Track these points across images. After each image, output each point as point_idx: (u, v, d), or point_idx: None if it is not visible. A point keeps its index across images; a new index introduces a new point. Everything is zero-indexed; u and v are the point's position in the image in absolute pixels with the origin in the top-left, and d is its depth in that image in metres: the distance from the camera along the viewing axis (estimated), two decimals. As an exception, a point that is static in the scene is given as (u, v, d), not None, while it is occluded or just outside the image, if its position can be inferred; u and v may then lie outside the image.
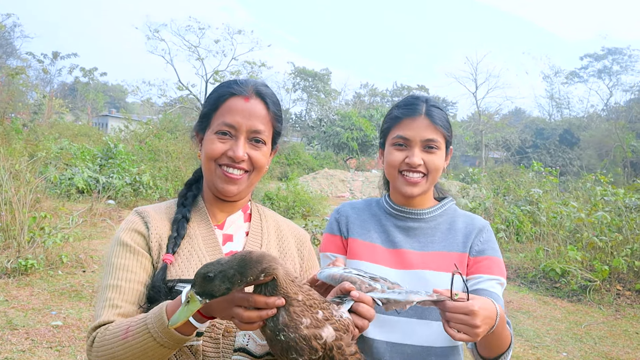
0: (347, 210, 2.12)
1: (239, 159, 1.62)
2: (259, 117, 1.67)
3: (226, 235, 1.73)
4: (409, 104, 1.98)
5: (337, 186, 27.92)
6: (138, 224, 1.64)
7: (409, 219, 2.01)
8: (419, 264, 1.93)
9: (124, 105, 66.79)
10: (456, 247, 1.96)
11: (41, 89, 43.73)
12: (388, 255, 1.97)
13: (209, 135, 1.67)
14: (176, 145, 20.36)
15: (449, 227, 2.01)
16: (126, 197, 14.10)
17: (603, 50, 53.89)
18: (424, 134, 1.91)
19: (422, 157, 1.91)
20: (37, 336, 5.15)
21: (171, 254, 1.59)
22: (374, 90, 64.12)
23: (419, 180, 1.93)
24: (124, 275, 1.55)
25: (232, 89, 1.68)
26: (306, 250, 1.87)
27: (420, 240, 1.98)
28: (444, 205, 2.06)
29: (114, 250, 1.61)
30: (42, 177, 11.42)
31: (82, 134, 25.99)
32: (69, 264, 7.60)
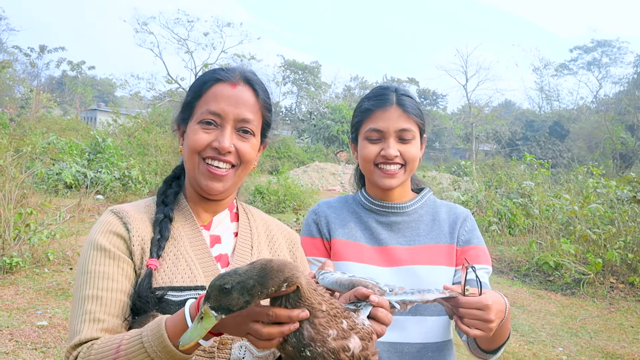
0: (324, 210, 2.02)
1: (225, 150, 1.47)
2: (247, 105, 1.52)
3: (213, 236, 1.58)
4: (378, 94, 1.91)
5: (327, 179, 27.83)
6: (116, 225, 1.47)
7: (391, 214, 1.94)
8: (408, 260, 1.86)
9: (113, 99, 66.21)
10: (443, 239, 1.91)
11: (28, 83, 43.22)
12: (375, 254, 1.89)
13: (192, 126, 1.52)
14: (165, 139, 20.16)
15: (433, 219, 1.96)
16: (115, 192, 13.94)
17: (592, 42, 54.08)
18: (397, 124, 1.84)
19: (397, 148, 1.84)
20: (21, 337, 5.00)
21: (156, 258, 1.42)
22: (364, 83, 63.98)
23: (396, 172, 1.86)
24: (104, 284, 1.37)
25: (217, 74, 1.54)
26: (298, 252, 1.75)
27: (405, 235, 1.92)
28: (424, 196, 2.00)
29: (90, 255, 1.42)
30: (29, 173, 11.22)
31: (70, 128, 25.71)
32: (56, 262, 7.44)
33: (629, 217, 9.89)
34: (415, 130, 1.87)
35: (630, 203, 10.23)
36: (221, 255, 1.55)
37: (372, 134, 1.86)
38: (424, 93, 63.47)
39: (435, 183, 16.38)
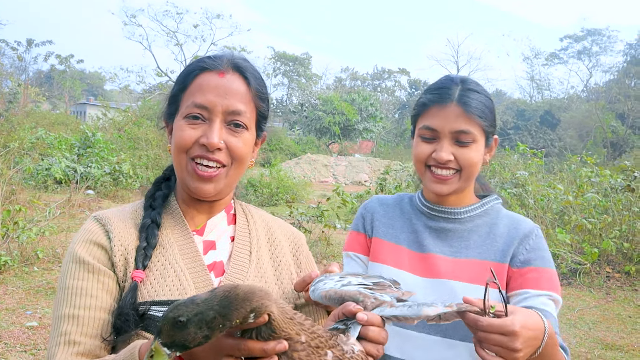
0: (375, 206, 1.86)
1: (214, 147, 1.31)
2: (238, 95, 1.36)
3: (207, 242, 1.43)
4: (440, 87, 1.68)
5: (320, 171, 27.75)
6: (97, 234, 1.33)
7: (442, 219, 1.74)
8: (448, 273, 1.66)
9: (102, 92, 65.76)
10: (493, 256, 1.67)
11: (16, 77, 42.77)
12: (414, 260, 1.72)
13: (178, 122, 1.37)
14: (156, 133, 19.98)
15: (489, 231, 1.71)
16: (106, 186, 13.77)
17: (582, 31, 54.14)
18: (453, 125, 1.62)
19: (452, 152, 1.62)
20: (10, 339, 4.88)
21: (141, 269, 1.29)
22: (354, 74, 63.86)
23: (449, 177, 1.65)
24: (82, 302, 1.24)
25: (203, 62, 1.38)
26: (303, 255, 1.59)
27: (452, 245, 1.70)
28: (486, 204, 1.75)
29: (69, 269, 1.29)
30: (17, 168, 11.05)
31: (59, 122, 25.42)
32: (45, 259, 7.29)
33: (623, 205, 9.87)
34: (477, 132, 1.63)
35: (624, 192, 10.20)
36: (215, 263, 1.41)
37: (425, 132, 1.66)
38: (414, 83, 63.41)
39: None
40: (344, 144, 39.90)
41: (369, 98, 42.84)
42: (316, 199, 15.97)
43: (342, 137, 39.65)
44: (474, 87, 1.67)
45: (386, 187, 14.48)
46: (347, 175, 27.92)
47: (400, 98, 63.92)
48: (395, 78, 65.12)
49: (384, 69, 65.22)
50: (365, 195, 15.20)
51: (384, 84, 64.96)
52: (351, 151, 39.04)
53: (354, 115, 39.60)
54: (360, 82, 63.57)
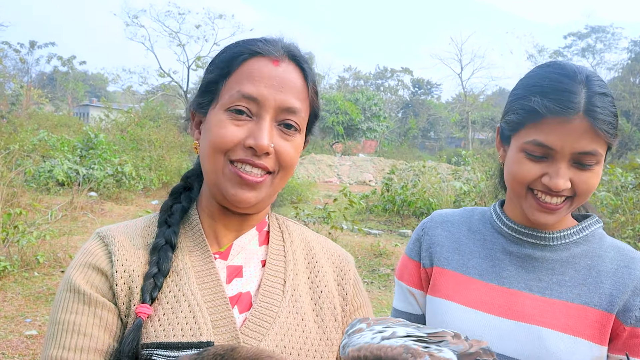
0: (435, 225, 1.50)
1: (263, 150, 1.07)
2: (295, 89, 1.11)
3: (232, 267, 1.17)
4: (560, 89, 1.23)
5: (324, 171, 27.59)
6: (97, 256, 1.10)
7: (529, 244, 1.36)
8: (536, 316, 1.29)
9: (105, 94, 65.79)
10: (597, 301, 1.28)
11: (19, 79, 42.80)
12: (490, 295, 1.35)
13: (216, 115, 1.11)
14: (159, 134, 19.89)
15: (591, 265, 1.33)
16: (108, 188, 13.61)
17: (586, 28, 53.79)
18: (577, 145, 1.22)
19: (570, 177, 1.25)
20: (8, 349, 4.69)
21: (148, 303, 1.05)
22: (357, 74, 63.69)
23: (558, 207, 1.27)
24: (73, 342, 1.02)
25: (254, 45, 1.12)
26: (350, 284, 1.28)
27: (542, 279, 1.33)
28: (586, 227, 1.37)
29: (62, 298, 1.07)
30: (18, 170, 10.89)
31: (61, 124, 25.32)
32: (46, 264, 7.10)
33: (635, 204, 9.68)
34: (602, 151, 1.24)
35: (635, 190, 10.01)
36: (241, 294, 1.15)
37: (535, 148, 1.25)
38: (418, 83, 63.25)
39: (435, 173, 16.10)
40: (348, 144, 39.76)
41: (372, 97, 42.73)
42: (321, 199, 15.81)
43: (346, 136, 39.50)
44: (602, 89, 1.26)
45: (392, 187, 14.30)
46: (352, 175, 27.74)
47: (404, 97, 63.74)
48: (399, 77, 64.97)
49: (387, 68, 65.05)
50: (371, 195, 15.04)
51: (387, 83, 64.80)
52: (355, 151, 38.91)
53: (358, 115, 39.46)
54: (364, 81, 63.40)
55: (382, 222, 13.39)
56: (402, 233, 11.93)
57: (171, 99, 39.80)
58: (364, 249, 9.48)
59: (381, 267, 8.48)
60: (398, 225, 12.90)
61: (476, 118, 46.52)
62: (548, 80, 1.27)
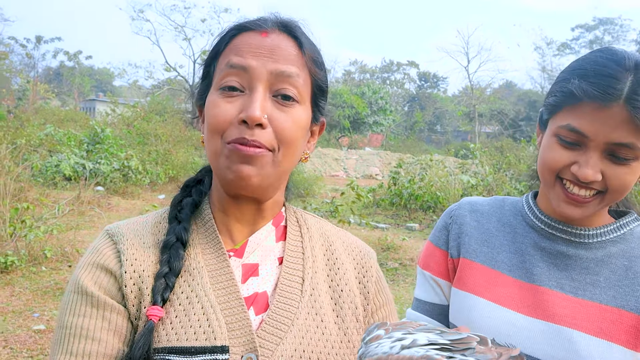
0: (464, 214, 1.41)
1: (254, 120, 0.98)
2: (288, 58, 1.03)
3: (248, 266, 1.10)
4: (603, 75, 1.15)
5: (330, 165, 27.54)
6: (105, 255, 1.04)
7: (562, 240, 1.29)
8: (566, 317, 1.22)
9: (111, 88, 65.86)
10: (633, 304, 1.20)
11: (25, 74, 42.98)
12: (518, 292, 1.28)
13: (211, 96, 1.05)
14: (165, 128, 19.90)
15: (628, 266, 1.24)
16: (115, 183, 13.60)
17: (594, 20, 53.43)
18: (613, 135, 1.13)
19: (601, 168, 1.16)
20: (16, 343, 4.68)
21: (160, 304, 0.99)
22: (363, 67, 63.53)
23: (587, 200, 1.20)
24: (80, 347, 0.97)
25: (243, 22, 1.07)
26: (372, 282, 1.21)
27: (575, 278, 1.25)
28: (625, 225, 1.29)
29: (70, 300, 1.02)
30: (24, 165, 10.90)
31: (68, 119, 25.34)
32: (54, 259, 7.09)
33: (646, 197, 9.61)
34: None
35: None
36: (257, 294, 1.08)
37: (568, 134, 1.18)
38: (424, 76, 63.06)
39: (442, 167, 16.02)
40: (354, 138, 39.66)
41: (378, 91, 42.59)
42: (328, 193, 15.76)
43: (352, 130, 39.40)
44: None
45: (399, 181, 14.24)
46: (358, 168, 27.70)
47: (410, 90, 63.55)
48: (405, 70, 64.77)
49: (393, 62, 64.88)
50: (378, 189, 14.98)
51: (393, 77, 64.62)
52: (361, 144, 38.82)
53: (364, 109, 39.36)
54: (370, 75, 63.24)
55: (389, 216, 13.34)
56: (409, 227, 11.87)
57: (177, 93, 39.78)
58: (371, 242, 9.43)
59: (389, 261, 8.44)
60: (405, 219, 12.85)
61: (483, 111, 46.33)
62: (593, 64, 1.19)
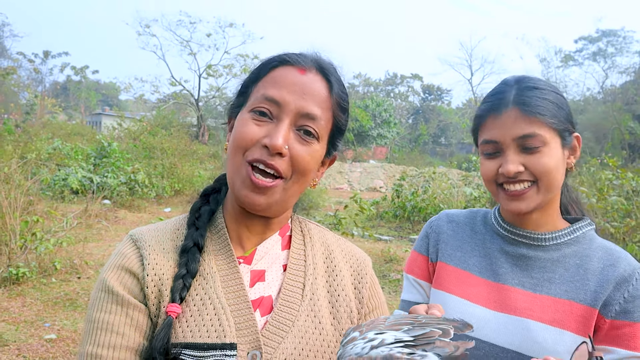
0: (442, 224, 1.65)
1: (276, 149, 1.11)
2: (317, 98, 1.17)
3: (256, 272, 1.23)
4: (494, 93, 1.47)
5: (335, 178, 27.66)
6: (130, 258, 1.17)
7: (523, 244, 1.49)
8: (525, 310, 1.42)
9: (117, 102, 66.34)
10: (582, 296, 1.40)
11: (33, 88, 43.39)
12: (486, 290, 1.49)
13: (242, 115, 1.19)
14: (171, 142, 20.04)
15: (579, 265, 1.44)
16: (122, 196, 13.76)
17: (597, 32, 53.57)
18: (514, 131, 1.39)
19: (520, 161, 1.40)
20: (29, 352, 4.81)
21: (178, 302, 1.12)
22: (367, 80, 63.77)
23: (524, 191, 1.41)
24: (106, 339, 1.10)
25: (285, 55, 1.21)
26: (366, 287, 1.34)
27: (533, 276, 1.46)
28: (577, 230, 1.49)
29: (97, 298, 1.15)
30: (34, 179, 11.07)
31: (75, 133, 25.59)
32: (63, 271, 7.24)
33: (646, 209, 9.66)
34: (546, 133, 1.39)
35: (647, 195, 9.99)
36: (263, 298, 1.21)
37: (486, 147, 1.45)
38: (428, 88, 63.26)
39: (446, 179, 16.14)
40: (358, 150, 39.78)
41: (382, 104, 42.77)
42: (332, 205, 15.87)
43: (356, 143, 39.54)
44: (534, 83, 1.44)
45: (402, 194, 14.36)
46: (362, 181, 27.80)
47: (414, 103, 63.75)
48: (409, 83, 65.01)
49: (396, 74, 65.15)
50: (381, 201, 15.11)
51: (397, 90, 64.86)
52: (365, 157, 38.91)
53: (368, 122, 39.52)
54: (373, 87, 63.47)
55: (393, 228, 13.44)
56: (412, 239, 11.97)
57: (183, 107, 40.03)
58: (374, 254, 9.55)
59: (392, 272, 8.55)
60: (408, 231, 12.95)
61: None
62: (489, 91, 1.52)
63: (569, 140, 1.46)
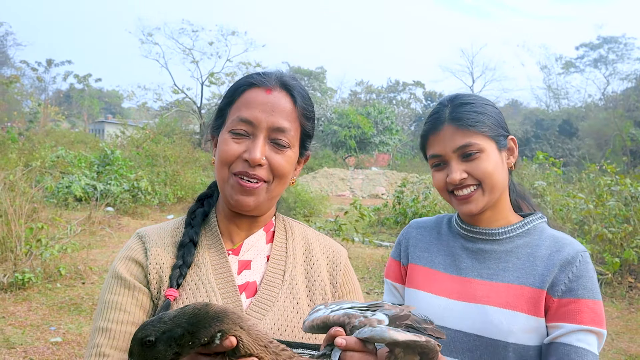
0: (411, 231, 1.85)
1: (255, 162, 1.33)
2: (283, 113, 1.38)
3: (243, 262, 1.44)
4: (431, 114, 1.69)
5: (337, 185, 27.76)
6: (136, 250, 1.40)
7: (480, 240, 1.68)
8: (483, 297, 1.59)
9: (120, 110, 66.61)
10: (531, 281, 1.57)
11: (36, 97, 43.60)
12: (451, 284, 1.67)
13: (223, 135, 1.40)
14: (174, 149, 20.18)
15: (529, 253, 1.62)
16: (125, 203, 13.89)
17: (599, 39, 53.74)
18: (453, 144, 1.60)
19: (463, 169, 1.60)
20: (35, 354, 4.95)
21: (175, 287, 1.32)
22: (369, 87, 63.96)
23: (471, 194, 1.61)
24: (115, 316, 1.31)
25: (251, 79, 1.41)
26: (340, 274, 1.54)
27: (490, 267, 1.64)
28: (528, 223, 1.68)
29: (108, 283, 1.37)
30: (39, 187, 11.21)
31: (78, 141, 25.75)
32: (68, 276, 7.39)
33: (644, 214, 9.74)
34: (481, 141, 1.59)
35: (645, 201, 10.08)
36: (248, 283, 1.42)
37: (433, 160, 1.66)
38: (430, 95, 63.40)
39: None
40: (361, 157, 39.90)
41: (384, 111, 42.86)
42: (334, 212, 15.98)
43: (359, 150, 39.67)
44: (465, 100, 1.65)
45: (403, 200, 14.47)
46: (364, 188, 27.90)
47: (416, 110, 63.90)
48: (411, 90, 65.18)
49: (399, 82, 65.31)
50: (382, 208, 15.22)
51: (399, 97, 65.02)
52: (368, 164, 39.04)
53: (370, 129, 39.62)
54: (376, 95, 63.65)
55: (394, 234, 13.54)
56: (413, 245, 12.02)
57: (185, 115, 40.20)
58: (375, 260, 9.65)
59: (392, 277, 8.62)
60: (409, 237, 13.00)
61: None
62: (429, 113, 1.72)
63: (504, 144, 1.66)
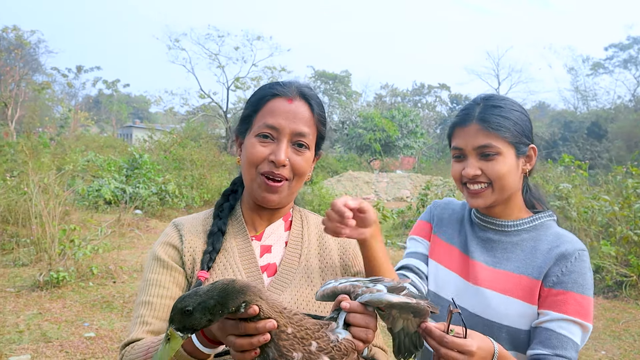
0: (443, 206, 2.01)
1: (280, 163, 1.53)
2: (303, 119, 1.59)
3: (264, 246, 1.66)
4: (463, 109, 1.82)
5: (361, 188, 27.83)
6: (173, 236, 1.63)
7: (490, 230, 1.84)
8: (485, 281, 1.75)
9: (147, 115, 67.59)
10: (530, 271, 1.72)
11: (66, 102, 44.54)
12: (462, 262, 1.84)
13: (250, 139, 1.60)
14: (200, 153, 20.45)
15: (533, 247, 1.76)
16: (153, 206, 14.16)
17: (628, 39, 52.89)
18: (475, 142, 1.73)
19: (479, 166, 1.73)
20: (71, 348, 5.19)
21: (206, 270, 1.54)
22: (394, 91, 63.82)
23: (481, 191, 1.75)
24: (156, 291, 1.54)
25: (274, 89, 1.61)
26: (349, 258, 1.74)
27: (495, 255, 1.79)
28: (536, 219, 1.81)
29: (149, 265, 1.60)
30: (70, 190, 11.54)
31: (107, 145, 26.28)
32: (100, 275, 7.67)
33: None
34: (501, 145, 1.71)
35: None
36: (269, 264, 1.63)
37: (455, 152, 1.79)
38: (455, 98, 63.05)
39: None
40: (385, 161, 39.86)
41: (409, 114, 42.73)
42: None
43: (383, 153, 39.63)
44: (497, 103, 1.75)
45: (427, 203, 14.50)
46: (389, 191, 27.92)
47: (442, 113, 63.56)
48: (436, 93, 64.88)
49: (424, 85, 65.07)
50: (406, 210, 15.28)
51: (424, 100, 64.77)
52: (393, 167, 38.98)
53: (395, 132, 39.56)
54: (401, 98, 63.49)
55: (418, 236, 13.54)
56: (436, 247, 12.05)
57: (211, 119, 40.59)
58: (397, 262, 9.73)
59: (414, 278, 8.72)
60: (433, 240, 13.02)
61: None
62: (462, 106, 1.84)
63: (523, 151, 1.76)
